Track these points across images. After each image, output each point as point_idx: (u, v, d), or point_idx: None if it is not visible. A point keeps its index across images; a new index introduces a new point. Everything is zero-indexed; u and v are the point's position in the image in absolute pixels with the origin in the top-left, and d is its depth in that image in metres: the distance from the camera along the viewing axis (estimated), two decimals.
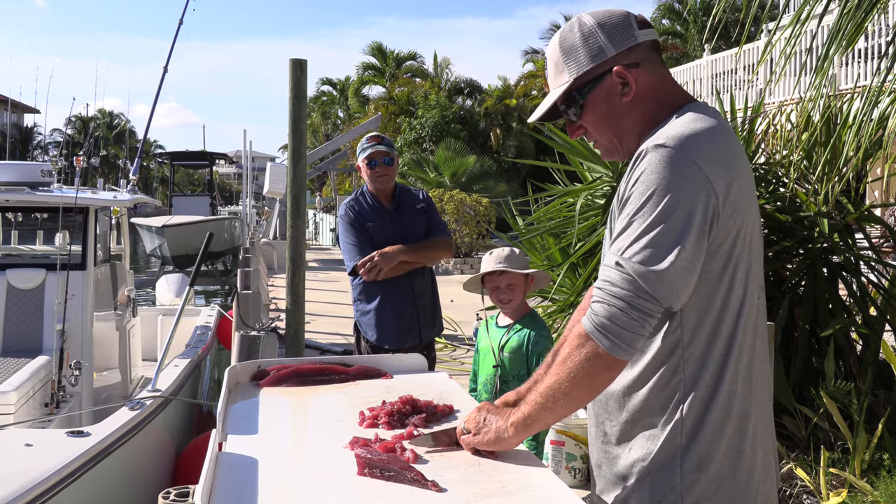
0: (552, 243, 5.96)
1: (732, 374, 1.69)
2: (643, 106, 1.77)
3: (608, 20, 1.78)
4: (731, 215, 1.64)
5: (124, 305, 8.05)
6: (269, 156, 55.12)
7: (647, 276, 1.59)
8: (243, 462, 1.83)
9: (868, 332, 4.94)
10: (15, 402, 5.11)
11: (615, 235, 1.66)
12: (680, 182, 1.60)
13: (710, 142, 1.65)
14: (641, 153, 1.66)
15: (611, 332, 1.61)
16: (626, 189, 1.67)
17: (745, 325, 1.71)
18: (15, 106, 37.47)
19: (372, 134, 4.54)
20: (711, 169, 1.62)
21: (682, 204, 1.59)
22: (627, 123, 1.79)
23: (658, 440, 1.69)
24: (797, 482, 4.22)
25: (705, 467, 1.67)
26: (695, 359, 1.68)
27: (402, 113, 30.49)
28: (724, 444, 1.68)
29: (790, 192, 5.12)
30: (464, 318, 10.37)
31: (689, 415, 1.68)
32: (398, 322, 4.32)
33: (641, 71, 1.77)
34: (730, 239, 1.66)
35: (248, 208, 25.20)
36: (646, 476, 1.70)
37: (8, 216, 8.74)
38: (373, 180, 4.43)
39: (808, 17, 4.23)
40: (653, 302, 1.60)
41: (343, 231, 4.43)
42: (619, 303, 1.60)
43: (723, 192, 1.62)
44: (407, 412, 2.11)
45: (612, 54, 1.76)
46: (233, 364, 2.73)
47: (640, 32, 1.77)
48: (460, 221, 19.25)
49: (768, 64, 13.59)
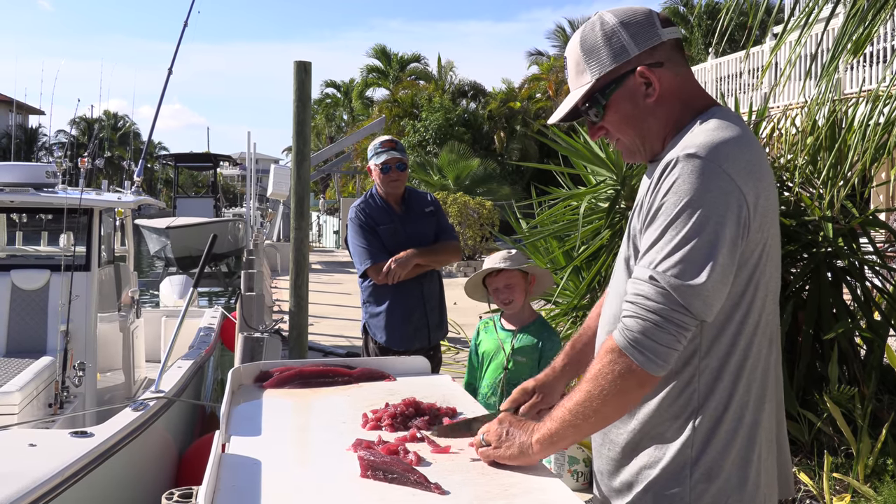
0: (556, 246, 5.96)
1: (746, 385, 1.67)
2: (667, 107, 1.74)
3: (631, 18, 1.73)
4: (759, 228, 1.62)
5: (128, 307, 8.06)
6: (273, 158, 55.16)
7: (683, 290, 1.55)
8: (246, 463, 1.83)
9: (872, 337, 4.92)
10: (19, 402, 5.12)
11: (646, 247, 1.62)
12: (713, 193, 1.56)
13: (740, 152, 1.61)
14: (671, 162, 1.61)
15: (645, 347, 1.57)
16: (654, 199, 1.63)
17: (762, 335, 1.69)
18: (20, 107, 37.60)
19: (386, 138, 4.50)
20: (743, 180, 1.59)
21: (715, 216, 1.56)
22: (651, 124, 1.75)
23: (668, 450, 1.67)
24: (800, 487, 4.21)
25: (715, 478, 1.65)
26: (711, 370, 1.66)
27: (406, 115, 30.50)
28: (733, 454, 1.66)
29: (795, 197, 5.12)
30: (467, 320, 10.34)
31: (701, 426, 1.65)
32: (408, 324, 4.34)
33: (665, 71, 1.73)
34: (756, 252, 1.64)
35: (251, 210, 25.25)
36: (653, 485, 1.68)
37: (13, 217, 8.77)
38: (385, 185, 4.42)
39: (814, 21, 4.23)
40: (688, 315, 1.56)
41: (353, 234, 4.43)
42: (654, 317, 1.56)
43: (752, 204, 1.60)
44: (410, 414, 2.11)
45: (635, 54, 1.72)
46: (236, 366, 2.74)
47: (664, 31, 1.73)
48: (464, 224, 19.25)
49: (773, 68, 13.59)
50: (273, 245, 21.21)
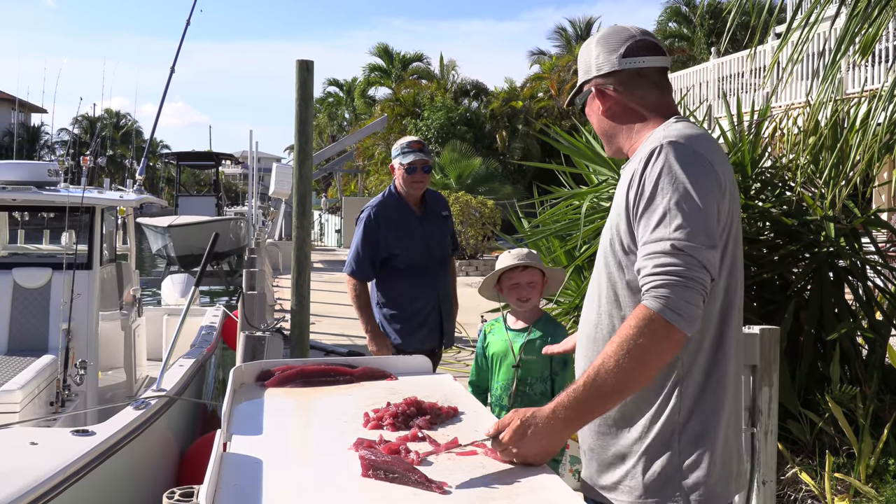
0: (557, 246, 5.95)
1: (724, 357, 1.86)
2: (623, 118, 2.03)
3: (605, 43, 2.03)
4: (728, 207, 1.85)
5: (130, 305, 8.06)
6: (275, 156, 55.19)
7: (702, 252, 1.73)
8: (248, 462, 1.83)
9: (874, 337, 4.92)
10: (20, 400, 5.12)
11: (654, 226, 1.77)
12: (700, 172, 1.80)
13: (709, 143, 1.89)
14: (656, 149, 1.83)
15: (680, 308, 1.70)
16: (644, 183, 1.82)
17: (733, 312, 1.89)
18: (22, 105, 37.59)
19: (413, 139, 4.48)
20: (716, 163, 1.85)
21: (705, 190, 1.79)
22: (607, 129, 2.07)
23: (658, 419, 1.84)
24: (802, 487, 4.21)
25: (701, 442, 1.84)
26: (694, 339, 1.81)
27: (409, 114, 30.51)
28: (717, 422, 1.85)
29: (797, 196, 5.11)
30: (468, 319, 10.33)
31: (686, 393, 1.84)
32: (423, 327, 4.38)
33: (619, 92, 2.01)
34: (727, 227, 1.84)
35: (253, 209, 25.22)
36: (646, 452, 1.85)
37: (15, 215, 8.77)
38: (408, 185, 4.40)
39: (818, 21, 4.22)
40: (707, 274, 1.74)
41: (357, 234, 4.44)
42: (681, 280, 1.71)
43: (723, 181, 1.84)
44: (412, 414, 2.11)
45: (593, 74, 2.04)
46: (238, 364, 2.74)
47: (630, 59, 1.99)
48: (466, 223, 19.25)
49: (776, 67, 13.56)
50: (275, 244, 21.21)
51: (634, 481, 1.86)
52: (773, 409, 3.12)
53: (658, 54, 2.02)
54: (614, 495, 1.90)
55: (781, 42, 4.50)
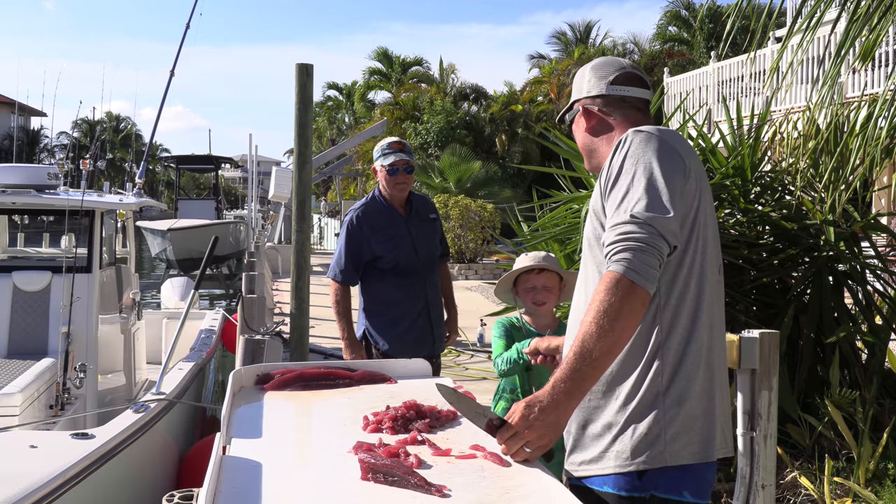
0: (557, 249, 5.95)
1: (702, 326, 2.01)
2: (602, 133, 2.22)
3: (597, 71, 2.26)
4: (694, 188, 2.02)
5: (129, 308, 8.06)
6: (274, 160, 55.17)
7: (659, 221, 1.90)
8: (247, 466, 1.83)
9: (873, 341, 4.92)
10: (20, 403, 5.12)
11: (618, 201, 1.95)
12: (661, 152, 1.99)
13: (676, 136, 2.09)
14: (623, 139, 2.04)
15: (640, 269, 1.86)
16: (612, 168, 2.02)
17: (708, 286, 2.03)
18: (22, 109, 37.61)
19: (394, 139, 4.39)
20: (680, 149, 2.04)
21: (666, 168, 1.97)
22: (587, 144, 2.27)
23: (642, 384, 1.97)
24: (801, 491, 4.20)
25: (683, 403, 1.97)
26: (671, 307, 1.99)
27: (408, 118, 30.53)
28: (697, 385, 1.99)
29: (796, 200, 5.12)
30: (468, 323, 10.35)
31: (667, 357, 1.97)
32: (411, 332, 4.29)
33: (604, 114, 2.22)
34: (693, 207, 2.01)
35: (253, 212, 25.25)
36: (631, 417, 1.97)
37: (14, 219, 8.78)
38: (391, 187, 4.33)
39: (818, 25, 4.23)
40: (664, 242, 1.90)
41: (340, 239, 4.40)
42: (640, 245, 1.87)
43: (687, 166, 2.02)
44: (411, 417, 2.11)
45: (582, 96, 2.27)
46: (237, 368, 2.73)
47: (618, 87, 2.21)
48: (465, 227, 19.24)
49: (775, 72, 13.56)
50: (274, 247, 21.21)
51: (622, 444, 1.97)
52: (773, 413, 3.11)
53: (643, 87, 2.24)
54: (600, 465, 2.00)
55: (782, 47, 4.51)
